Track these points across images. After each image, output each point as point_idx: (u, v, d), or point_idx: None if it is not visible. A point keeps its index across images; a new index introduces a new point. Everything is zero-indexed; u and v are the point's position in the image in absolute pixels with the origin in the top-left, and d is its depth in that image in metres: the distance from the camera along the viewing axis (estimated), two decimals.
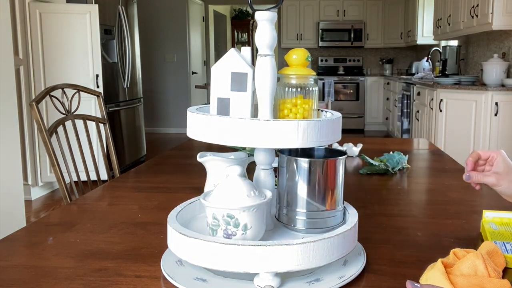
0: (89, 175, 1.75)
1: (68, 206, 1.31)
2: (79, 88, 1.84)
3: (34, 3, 4.12)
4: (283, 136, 0.76)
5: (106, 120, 1.93)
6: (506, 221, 1.05)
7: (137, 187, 1.51)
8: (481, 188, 1.03)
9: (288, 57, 0.87)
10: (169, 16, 7.81)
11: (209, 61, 8.84)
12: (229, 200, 0.79)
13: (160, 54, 7.93)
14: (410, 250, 0.96)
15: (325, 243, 0.77)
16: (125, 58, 5.09)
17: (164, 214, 0.92)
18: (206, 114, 0.81)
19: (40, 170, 4.20)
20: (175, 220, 0.86)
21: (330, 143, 0.81)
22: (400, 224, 1.13)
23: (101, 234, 1.06)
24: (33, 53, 4.16)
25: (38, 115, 1.57)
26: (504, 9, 4.03)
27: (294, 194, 0.86)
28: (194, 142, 2.08)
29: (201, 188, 1.01)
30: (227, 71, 0.83)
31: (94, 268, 0.88)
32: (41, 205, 4.02)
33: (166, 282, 0.82)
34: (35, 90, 4.17)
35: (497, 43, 4.70)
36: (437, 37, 6.04)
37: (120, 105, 4.98)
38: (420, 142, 2.38)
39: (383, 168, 1.60)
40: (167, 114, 8.11)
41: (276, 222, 0.91)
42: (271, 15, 0.81)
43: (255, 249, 0.74)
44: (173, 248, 0.82)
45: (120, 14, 4.97)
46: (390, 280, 0.83)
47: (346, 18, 8.19)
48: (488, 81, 4.17)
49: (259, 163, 0.90)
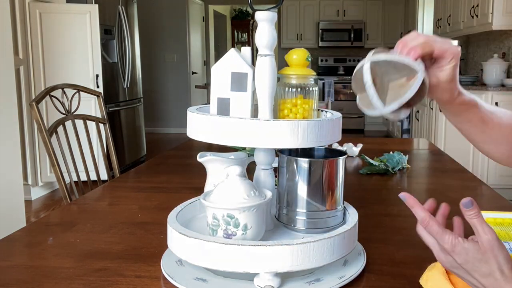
0: (89, 175, 1.75)
1: (68, 206, 1.31)
2: (79, 88, 1.84)
3: (34, 3, 4.12)
4: (283, 136, 0.76)
5: (106, 120, 1.93)
6: (500, 221, 1.05)
7: (137, 187, 1.51)
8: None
9: (288, 57, 0.87)
10: (169, 16, 7.81)
11: (209, 61, 8.84)
12: (229, 200, 0.79)
13: (160, 54, 7.93)
14: (410, 250, 0.96)
15: (325, 243, 0.77)
16: (125, 58, 5.09)
17: (164, 214, 0.92)
18: (206, 114, 0.81)
19: (40, 170, 4.20)
20: (175, 220, 0.86)
21: (330, 143, 0.81)
22: (400, 224, 1.13)
23: (101, 234, 1.06)
24: (33, 53, 4.16)
25: (38, 115, 1.57)
26: (504, 9, 4.03)
27: (294, 194, 0.86)
28: (194, 142, 2.08)
29: (201, 188, 1.01)
30: (227, 71, 0.83)
31: (94, 268, 0.88)
32: (41, 205, 4.02)
33: (166, 282, 0.82)
34: (35, 90, 4.17)
35: (497, 43, 4.70)
36: None
37: (120, 105, 4.98)
38: (420, 142, 2.38)
39: (383, 168, 1.60)
40: (167, 114, 8.11)
41: (276, 222, 0.91)
42: (271, 15, 0.81)
43: (255, 249, 0.74)
44: (173, 248, 0.82)
45: (120, 14, 4.97)
46: (390, 280, 0.83)
47: (346, 18, 8.19)
48: (488, 81, 4.17)
49: (259, 163, 0.90)
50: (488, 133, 0.86)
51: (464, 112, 0.83)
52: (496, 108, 0.88)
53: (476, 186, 1.47)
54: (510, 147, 0.88)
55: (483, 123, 0.85)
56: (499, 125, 0.86)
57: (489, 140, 0.88)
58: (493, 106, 0.89)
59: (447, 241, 0.64)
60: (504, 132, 0.87)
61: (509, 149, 0.88)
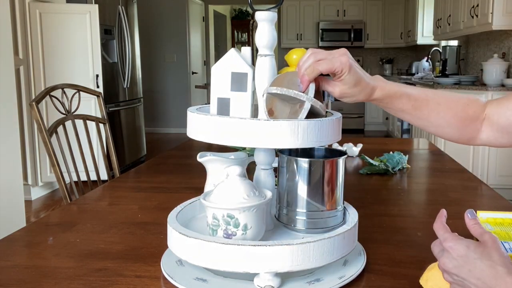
0: (89, 175, 1.75)
1: (68, 206, 1.31)
2: (79, 88, 1.84)
3: (34, 3, 4.12)
4: (283, 136, 0.76)
5: (106, 120, 1.93)
6: (500, 221, 1.05)
7: (137, 187, 1.51)
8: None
9: (288, 57, 0.87)
10: (169, 16, 7.81)
11: (209, 61, 8.84)
12: (229, 200, 0.79)
13: (160, 54, 7.93)
14: (410, 250, 0.96)
15: (325, 243, 0.77)
16: (125, 58, 5.09)
17: (164, 214, 0.92)
18: (206, 114, 0.81)
19: (40, 170, 4.20)
20: (175, 220, 0.86)
21: (330, 143, 0.81)
22: (400, 224, 1.13)
23: (101, 234, 1.06)
24: (33, 53, 4.16)
25: (38, 115, 1.57)
26: (504, 9, 4.03)
27: (294, 194, 0.86)
28: (194, 142, 2.08)
29: (201, 188, 1.01)
30: (227, 71, 0.83)
31: (94, 268, 0.88)
32: (41, 205, 4.02)
33: (166, 282, 0.82)
34: (35, 90, 4.17)
35: (497, 43, 4.70)
36: (437, 37, 6.04)
37: (120, 105, 4.98)
38: (420, 142, 2.38)
39: (383, 168, 1.60)
40: (167, 114, 8.11)
41: (276, 222, 0.91)
42: (271, 15, 0.81)
43: (255, 249, 0.74)
44: (173, 248, 0.82)
45: (120, 14, 4.97)
46: (390, 280, 0.83)
47: (346, 18, 8.19)
48: (488, 81, 4.16)
49: (259, 163, 0.90)
50: (425, 119, 0.89)
51: (392, 103, 0.87)
52: (429, 92, 0.90)
53: (476, 186, 1.47)
54: (455, 130, 0.91)
55: (416, 110, 0.88)
56: (437, 110, 0.89)
57: (429, 125, 0.91)
58: (428, 90, 0.92)
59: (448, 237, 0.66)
60: (444, 116, 0.89)
61: (454, 131, 0.91)
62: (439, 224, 0.69)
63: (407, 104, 0.87)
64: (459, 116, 0.90)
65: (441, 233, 0.68)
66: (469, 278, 0.63)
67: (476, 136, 0.93)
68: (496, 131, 0.91)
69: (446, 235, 0.67)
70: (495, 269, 0.61)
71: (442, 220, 0.70)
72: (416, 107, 0.88)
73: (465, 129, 0.92)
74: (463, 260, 0.63)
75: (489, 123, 0.91)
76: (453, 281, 0.65)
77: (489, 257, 0.62)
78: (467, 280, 0.63)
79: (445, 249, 0.66)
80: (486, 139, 0.93)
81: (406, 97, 0.86)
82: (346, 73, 0.79)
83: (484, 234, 0.65)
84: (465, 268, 0.63)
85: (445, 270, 0.66)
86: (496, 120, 0.90)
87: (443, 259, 0.66)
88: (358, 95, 0.83)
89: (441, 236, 0.67)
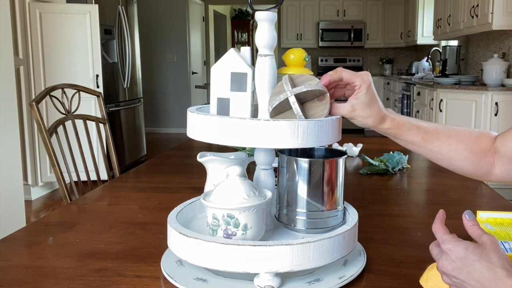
0: (89, 175, 1.75)
1: (68, 206, 1.31)
2: (79, 88, 1.84)
3: (34, 3, 4.12)
4: (283, 136, 0.76)
5: (106, 120, 1.93)
6: (500, 221, 1.05)
7: (137, 187, 1.51)
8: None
9: (285, 57, 0.87)
10: (169, 16, 7.81)
11: (209, 61, 8.83)
12: (229, 200, 0.79)
13: (160, 54, 7.93)
14: (410, 250, 0.96)
15: (325, 243, 0.77)
16: (125, 58, 5.09)
17: (164, 214, 0.92)
18: (206, 114, 0.81)
19: (40, 170, 4.20)
20: (175, 220, 0.86)
21: (330, 143, 0.81)
22: (400, 224, 1.13)
23: (101, 234, 1.06)
24: (33, 53, 4.16)
25: (38, 115, 1.57)
26: (504, 9, 4.03)
27: (294, 194, 0.86)
28: (194, 142, 2.08)
29: (201, 188, 1.01)
30: (227, 71, 0.83)
31: (94, 268, 0.88)
32: (41, 205, 4.02)
33: (166, 282, 0.82)
34: (35, 90, 4.17)
35: (497, 43, 4.70)
36: (437, 37, 6.04)
37: (120, 105, 4.98)
38: None
39: (383, 168, 1.60)
40: (167, 114, 8.11)
41: (276, 222, 0.91)
42: (271, 15, 0.81)
43: (255, 249, 0.74)
44: (173, 248, 0.82)
45: (120, 14, 4.97)
46: (390, 280, 0.83)
47: (346, 18, 8.19)
48: (488, 81, 4.16)
49: (259, 163, 0.90)
50: (437, 151, 0.88)
51: (402, 135, 0.87)
52: (440, 125, 0.89)
53: (476, 186, 1.47)
54: (468, 163, 0.89)
55: (427, 142, 0.87)
56: (448, 143, 0.87)
57: (442, 158, 0.89)
58: (438, 124, 0.91)
59: (447, 238, 0.66)
60: (455, 148, 0.88)
61: (467, 164, 0.89)
62: (438, 226, 0.69)
63: (417, 136, 0.87)
64: (471, 149, 0.88)
65: (439, 234, 0.67)
66: (468, 280, 0.62)
67: (490, 170, 0.90)
68: (507, 163, 0.88)
69: (445, 236, 0.66)
70: (494, 271, 0.61)
71: (441, 221, 0.70)
72: (426, 139, 0.87)
73: (478, 163, 0.89)
74: (462, 262, 0.63)
75: (499, 157, 0.88)
76: (452, 283, 0.65)
77: (488, 259, 0.62)
78: (466, 282, 0.63)
79: (444, 251, 0.66)
80: (500, 174, 0.89)
81: (415, 129, 0.86)
82: (363, 91, 0.82)
83: (483, 235, 0.64)
84: (464, 270, 0.63)
85: (444, 272, 0.66)
86: (503, 152, 0.87)
87: (441, 261, 0.66)
88: (368, 118, 0.84)
89: (440, 238, 0.67)
